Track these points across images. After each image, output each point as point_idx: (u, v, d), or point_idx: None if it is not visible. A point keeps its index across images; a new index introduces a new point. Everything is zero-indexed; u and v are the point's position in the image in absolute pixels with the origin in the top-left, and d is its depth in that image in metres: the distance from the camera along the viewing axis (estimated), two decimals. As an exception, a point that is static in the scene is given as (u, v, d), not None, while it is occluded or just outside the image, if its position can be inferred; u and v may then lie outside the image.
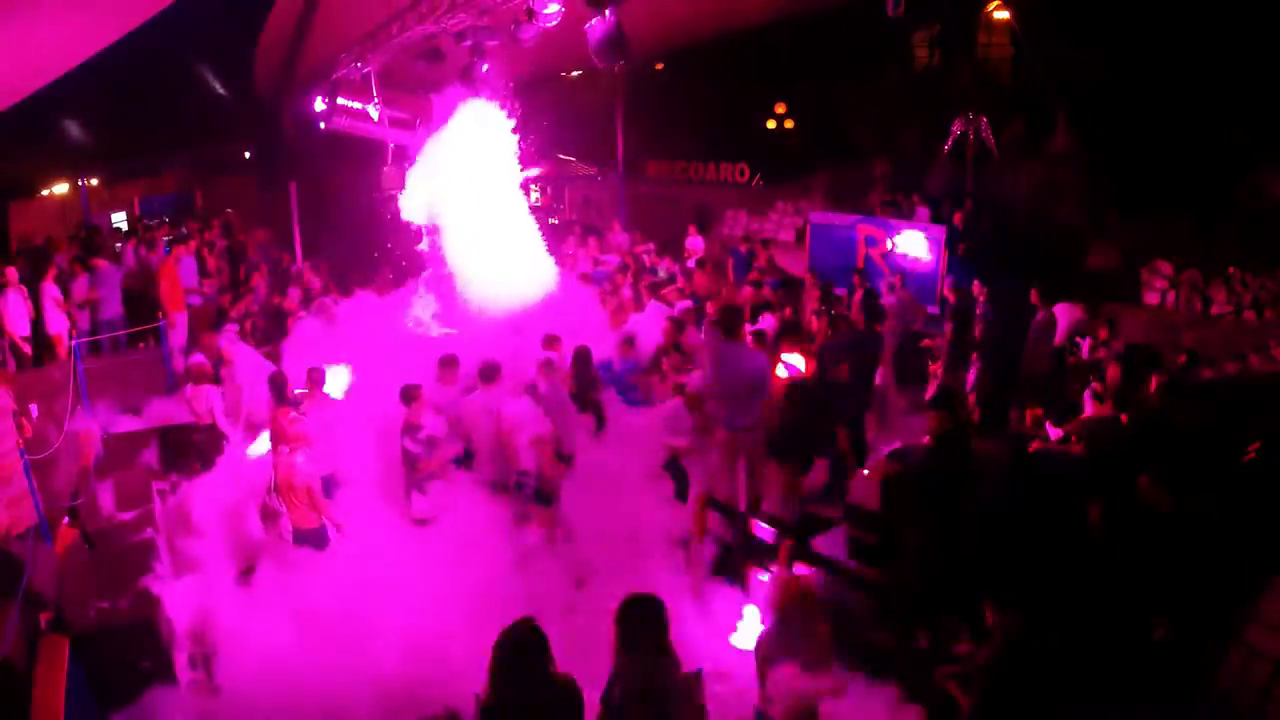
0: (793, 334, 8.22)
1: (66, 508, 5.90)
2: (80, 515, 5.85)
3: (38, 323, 9.81)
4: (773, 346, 7.70)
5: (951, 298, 10.07)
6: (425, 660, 5.23)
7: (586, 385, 7.83)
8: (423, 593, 5.79)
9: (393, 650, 5.33)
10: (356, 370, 8.07)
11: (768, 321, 9.14)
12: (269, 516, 6.34)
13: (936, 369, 9.32)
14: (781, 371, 7.23)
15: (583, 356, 7.86)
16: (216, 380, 8.09)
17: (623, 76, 14.85)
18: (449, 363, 7.32)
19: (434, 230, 10.73)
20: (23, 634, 4.34)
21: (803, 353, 7.57)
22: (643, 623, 3.59)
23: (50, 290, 9.92)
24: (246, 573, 6.01)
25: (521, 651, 3.37)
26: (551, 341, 7.76)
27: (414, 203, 10.81)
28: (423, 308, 10.12)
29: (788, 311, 10.01)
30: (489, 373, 7.01)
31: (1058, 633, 4.32)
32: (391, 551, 6.17)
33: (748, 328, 8.44)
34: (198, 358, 8.07)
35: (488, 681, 3.38)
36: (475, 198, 10.10)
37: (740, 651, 5.28)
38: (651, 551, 6.38)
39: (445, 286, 10.19)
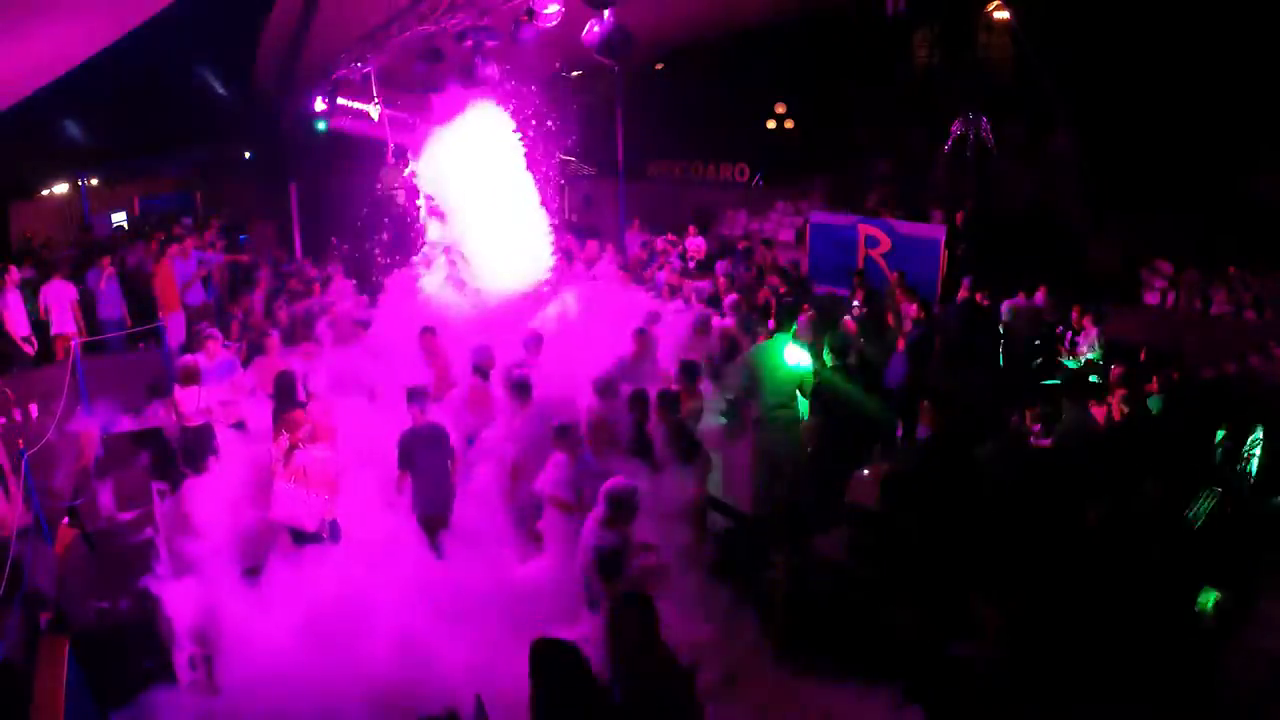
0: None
1: (66, 508, 5.89)
2: (80, 515, 5.83)
3: (45, 322, 9.87)
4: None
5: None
6: (425, 660, 5.22)
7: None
8: (423, 593, 5.78)
9: (393, 650, 5.31)
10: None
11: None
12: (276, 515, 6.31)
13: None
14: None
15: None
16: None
17: (623, 76, 14.85)
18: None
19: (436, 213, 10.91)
20: (23, 634, 4.34)
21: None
22: (634, 622, 3.60)
23: (59, 289, 9.96)
24: (252, 571, 6.00)
25: (569, 676, 3.35)
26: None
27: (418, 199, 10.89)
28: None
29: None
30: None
31: (1056, 633, 4.32)
32: (392, 552, 6.16)
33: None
34: (188, 359, 8.05)
35: (531, 704, 3.33)
36: (481, 196, 10.17)
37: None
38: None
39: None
